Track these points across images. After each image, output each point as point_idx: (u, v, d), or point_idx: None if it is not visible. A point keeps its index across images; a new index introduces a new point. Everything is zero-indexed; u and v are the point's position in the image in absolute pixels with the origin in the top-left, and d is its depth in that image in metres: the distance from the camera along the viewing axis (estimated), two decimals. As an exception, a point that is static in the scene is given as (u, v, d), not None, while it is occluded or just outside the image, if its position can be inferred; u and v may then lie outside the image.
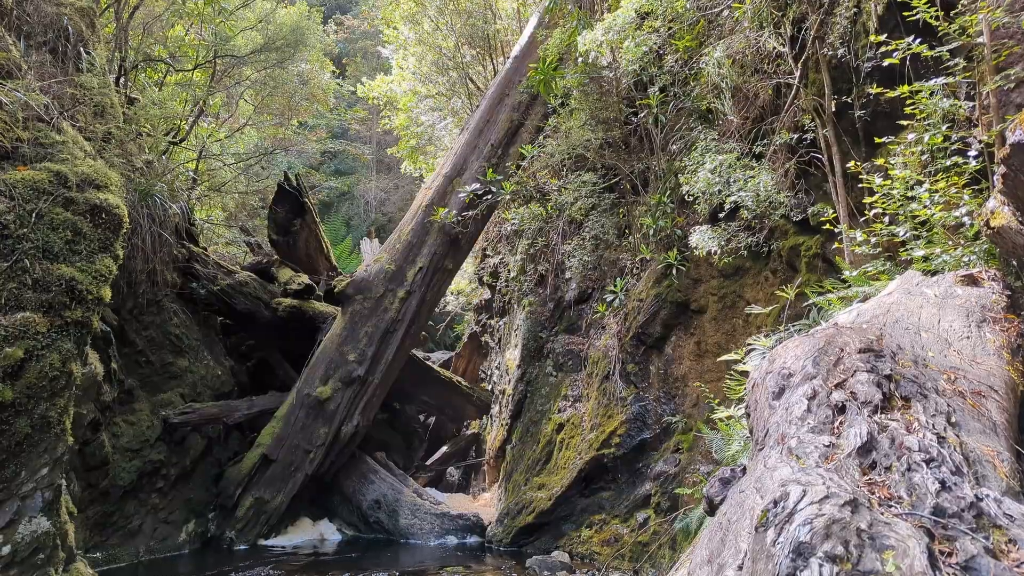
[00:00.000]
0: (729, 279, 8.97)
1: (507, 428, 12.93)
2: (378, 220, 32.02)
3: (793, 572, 1.41)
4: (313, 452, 11.53)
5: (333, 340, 12.18)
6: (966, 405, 2.74)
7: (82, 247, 5.63)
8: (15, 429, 4.89)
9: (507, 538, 10.50)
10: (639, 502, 9.29)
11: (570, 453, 10.46)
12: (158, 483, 10.33)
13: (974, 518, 1.65)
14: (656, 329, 9.76)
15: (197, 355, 11.50)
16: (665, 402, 9.58)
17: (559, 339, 11.98)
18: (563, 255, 11.53)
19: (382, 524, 11.67)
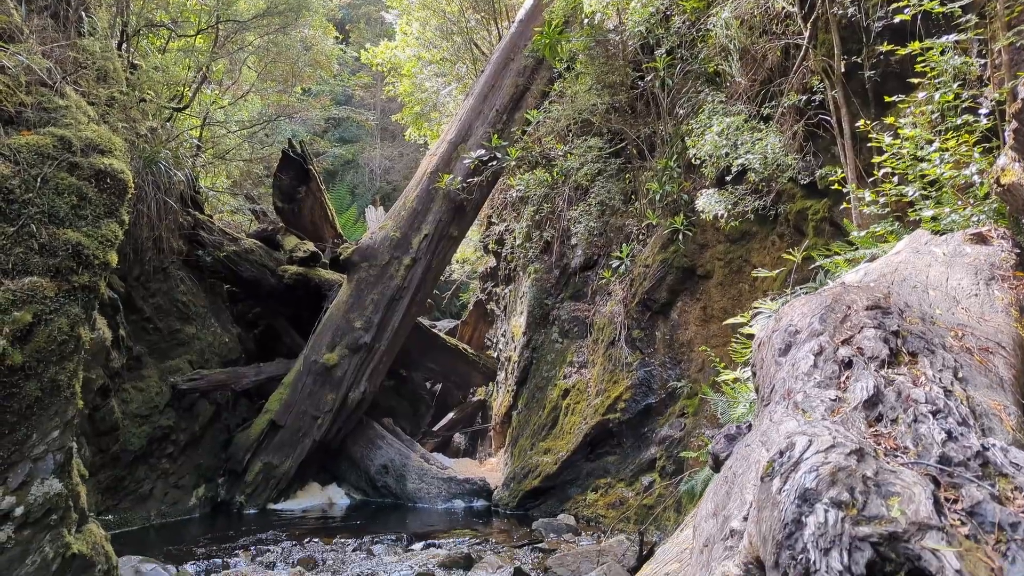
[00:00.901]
0: (736, 244, 8.93)
1: (513, 394, 12.99)
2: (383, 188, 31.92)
3: (799, 517, 1.42)
4: (321, 418, 11.61)
5: (339, 307, 12.21)
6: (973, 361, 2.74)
7: (88, 212, 5.62)
8: (25, 392, 4.93)
9: (513, 502, 10.60)
10: (644, 466, 9.36)
11: (575, 418, 10.52)
12: (168, 448, 10.43)
13: (980, 467, 1.65)
14: (662, 295, 9.75)
15: (204, 322, 11.55)
16: (671, 367, 9.61)
17: (565, 306, 11.99)
18: (569, 221, 11.49)
19: (390, 488, 11.79)
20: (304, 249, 12.92)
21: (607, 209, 10.85)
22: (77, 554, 5.17)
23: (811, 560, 1.33)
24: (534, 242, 12.60)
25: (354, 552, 8.47)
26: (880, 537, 1.35)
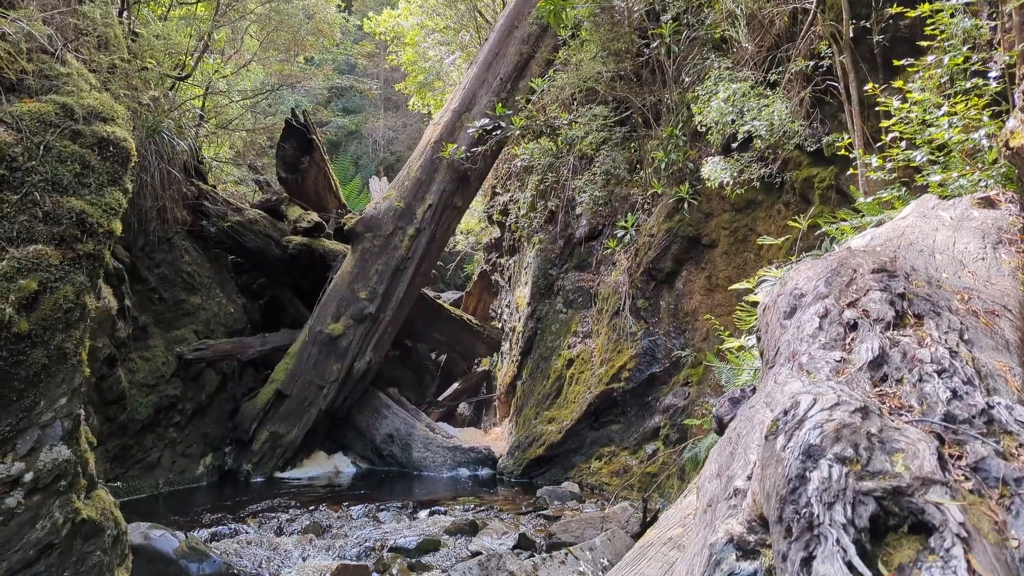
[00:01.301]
0: (741, 212, 8.90)
1: (517, 364, 13.03)
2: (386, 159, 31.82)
3: (803, 473, 1.42)
4: (326, 388, 11.67)
5: (344, 278, 12.22)
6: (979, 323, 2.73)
7: (91, 180, 5.61)
8: (32, 360, 4.95)
9: (518, 470, 10.68)
10: (648, 435, 9.40)
11: (580, 388, 10.56)
12: (175, 418, 10.51)
13: (985, 424, 1.65)
14: (667, 264, 9.74)
15: (209, 292, 11.57)
16: (675, 336, 9.62)
17: (569, 276, 11.98)
18: (573, 191, 11.44)
19: (395, 457, 11.88)
20: (308, 219, 12.90)
21: (612, 178, 10.79)
22: (87, 519, 5.22)
23: (815, 514, 1.33)
24: (538, 212, 12.56)
25: (360, 519, 8.55)
26: (884, 492, 1.36)
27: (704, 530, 2.09)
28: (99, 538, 5.30)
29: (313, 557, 7.29)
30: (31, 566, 4.90)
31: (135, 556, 5.78)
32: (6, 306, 4.88)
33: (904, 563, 1.27)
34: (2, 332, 4.84)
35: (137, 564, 5.76)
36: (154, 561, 6.75)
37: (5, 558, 4.80)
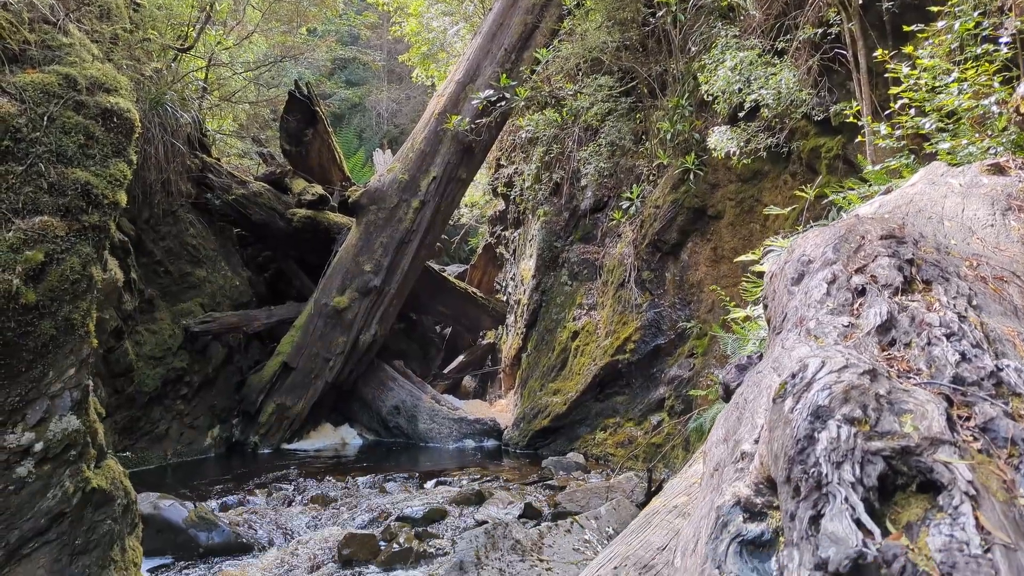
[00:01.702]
0: (747, 183, 8.86)
1: (522, 337, 13.06)
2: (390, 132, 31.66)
3: (811, 433, 1.42)
4: (332, 360, 11.71)
5: (349, 251, 12.21)
6: (987, 289, 2.71)
7: (95, 151, 5.60)
8: (40, 331, 4.98)
9: (523, 441, 10.74)
10: (653, 406, 9.44)
11: (585, 359, 10.58)
12: (182, 390, 10.57)
13: (994, 386, 1.65)
14: (672, 235, 9.71)
15: (215, 265, 11.59)
16: (680, 308, 9.62)
17: (574, 248, 11.97)
18: (579, 162, 11.38)
19: (401, 429, 11.95)
20: (312, 192, 12.87)
21: (617, 150, 10.73)
22: (97, 488, 5.27)
23: (823, 473, 1.34)
24: (543, 184, 12.51)
25: (367, 489, 8.62)
26: (892, 451, 1.36)
27: (711, 494, 2.10)
28: (109, 507, 5.35)
29: (321, 526, 7.37)
30: (43, 534, 4.96)
31: (145, 525, 5.85)
32: (13, 277, 4.89)
33: (912, 521, 1.27)
34: (9, 303, 4.86)
35: (147, 533, 5.83)
36: (163, 530, 6.82)
37: (17, 526, 4.85)
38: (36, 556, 4.97)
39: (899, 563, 1.14)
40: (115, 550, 5.37)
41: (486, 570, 5.09)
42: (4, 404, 4.86)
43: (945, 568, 1.09)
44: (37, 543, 4.94)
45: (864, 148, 6.27)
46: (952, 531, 1.16)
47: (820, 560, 1.17)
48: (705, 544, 1.82)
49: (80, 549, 5.14)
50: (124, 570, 5.48)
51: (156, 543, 6.56)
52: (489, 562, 5.20)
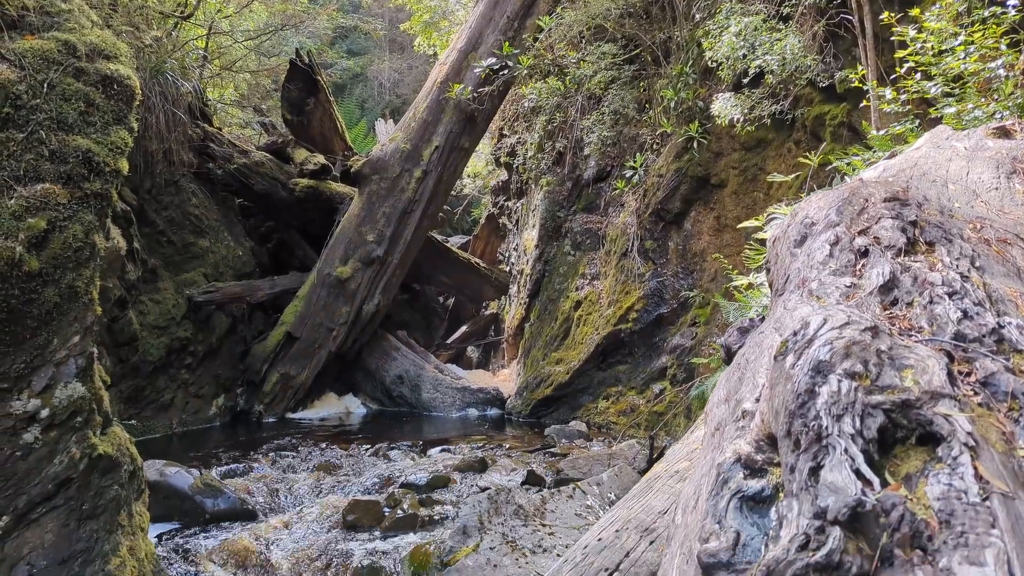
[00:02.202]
0: (751, 152, 8.81)
1: (525, 307, 13.08)
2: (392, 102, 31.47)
3: (812, 387, 1.43)
4: (336, 330, 11.75)
5: (351, 220, 12.20)
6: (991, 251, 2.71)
7: (96, 119, 5.57)
8: (44, 298, 4.99)
9: (526, 410, 10.80)
10: (655, 374, 9.47)
11: (587, 329, 10.60)
12: (186, 359, 10.62)
13: (995, 343, 1.65)
14: (675, 205, 9.68)
15: (217, 235, 11.59)
16: (683, 277, 9.61)
17: (577, 218, 11.94)
18: (582, 131, 11.32)
19: (405, 398, 12.01)
20: (314, 162, 12.83)
21: (621, 118, 10.66)
22: (103, 455, 5.32)
23: (823, 426, 1.34)
24: (546, 153, 12.45)
25: (371, 457, 8.69)
26: (892, 404, 1.36)
27: (712, 452, 2.11)
28: (116, 473, 5.40)
29: (325, 493, 7.44)
30: (50, 499, 5.01)
31: (152, 492, 5.90)
32: (16, 244, 4.90)
33: (911, 473, 1.28)
34: (13, 270, 4.87)
35: (153, 500, 5.89)
36: (170, 497, 6.89)
37: (25, 491, 4.91)
38: (44, 521, 5.03)
39: (897, 512, 1.15)
40: (122, 515, 5.43)
41: (489, 534, 5.15)
42: (9, 371, 4.89)
43: (943, 516, 1.10)
44: (45, 508, 5.00)
45: (869, 114, 6.22)
46: (951, 480, 1.16)
47: (819, 509, 1.18)
48: (706, 501, 1.83)
49: (88, 514, 5.19)
50: (131, 535, 5.54)
51: (163, 509, 6.62)
52: (492, 527, 5.25)
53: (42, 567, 4.93)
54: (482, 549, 5.02)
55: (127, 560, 5.35)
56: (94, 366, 5.44)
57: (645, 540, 3.89)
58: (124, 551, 5.35)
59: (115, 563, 5.25)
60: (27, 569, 4.94)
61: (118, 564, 5.27)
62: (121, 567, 5.27)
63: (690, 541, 1.79)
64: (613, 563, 3.61)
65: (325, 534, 6.49)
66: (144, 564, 5.51)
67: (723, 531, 1.69)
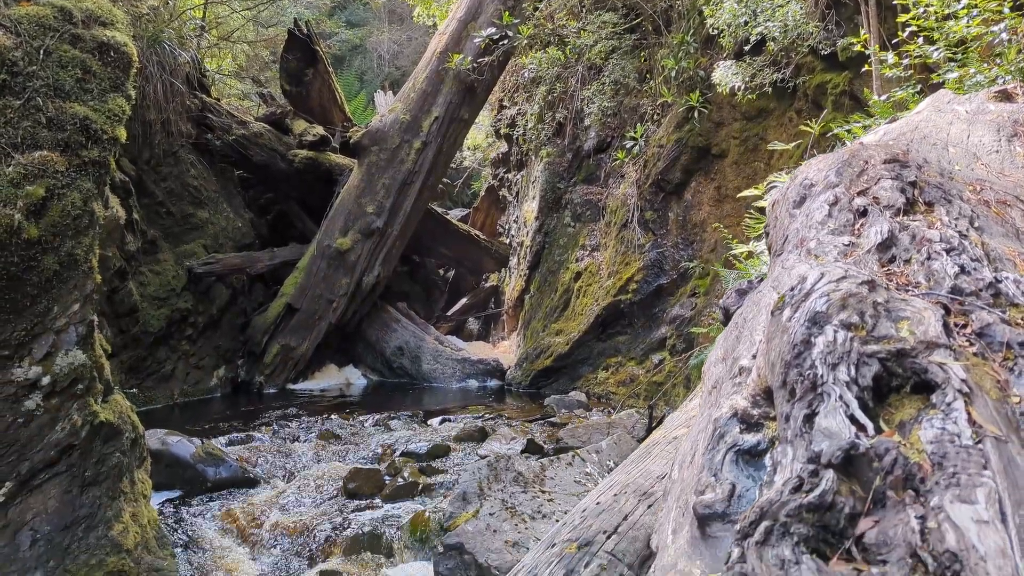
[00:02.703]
0: (752, 121, 8.76)
1: (525, 279, 13.08)
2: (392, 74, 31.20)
3: (808, 338, 1.43)
4: (336, 301, 11.76)
5: (351, 192, 12.16)
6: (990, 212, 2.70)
7: (93, 86, 5.54)
8: (44, 266, 5.00)
9: (526, 380, 10.84)
10: (655, 345, 9.50)
11: (587, 300, 10.62)
12: (187, 331, 10.64)
13: (992, 296, 1.66)
14: (676, 175, 9.65)
15: (216, 207, 11.56)
16: (683, 248, 9.61)
17: (577, 189, 11.90)
18: (582, 102, 11.25)
19: (405, 369, 12.05)
20: (314, 133, 12.76)
21: (621, 88, 10.59)
22: (104, 422, 5.34)
23: (819, 375, 1.35)
24: (546, 124, 12.38)
25: (372, 427, 8.74)
26: (888, 353, 1.37)
27: (709, 409, 2.12)
28: (118, 440, 5.43)
29: (326, 462, 7.49)
30: (53, 466, 5.04)
31: (154, 461, 5.94)
32: (15, 212, 4.89)
33: (905, 420, 1.28)
34: (12, 238, 4.86)
35: (156, 468, 5.93)
36: (172, 465, 6.94)
37: (28, 457, 4.94)
38: (47, 487, 5.07)
39: (890, 456, 1.16)
40: (124, 482, 5.47)
41: (489, 500, 5.19)
42: (10, 338, 4.90)
43: (935, 458, 1.11)
44: (48, 474, 5.04)
45: (871, 82, 6.18)
46: (944, 425, 1.17)
47: (813, 454, 1.19)
48: (702, 455, 1.85)
49: (90, 480, 5.23)
50: (134, 501, 5.58)
51: (165, 478, 6.67)
52: (492, 493, 5.29)
53: (46, 532, 4.98)
54: (482, 515, 5.07)
55: (130, 526, 5.40)
56: (94, 334, 5.45)
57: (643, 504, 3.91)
58: (127, 517, 5.40)
59: (118, 529, 5.30)
60: (31, 534, 4.99)
61: (121, 530, 5.32)
62: (124, 533, 5.31)
63: (686, 494, 1.81)
64: (611, 526, 3.63)
65: (326, 502, 6.55)
66: (147, 530, 5.56)
67: (719, 483, 1.70)
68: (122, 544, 5.24)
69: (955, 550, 0.93)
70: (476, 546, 4.80)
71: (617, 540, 3.64)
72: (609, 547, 3.59)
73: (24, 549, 4.91)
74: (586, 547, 3.57)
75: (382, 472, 6.92)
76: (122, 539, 5.27)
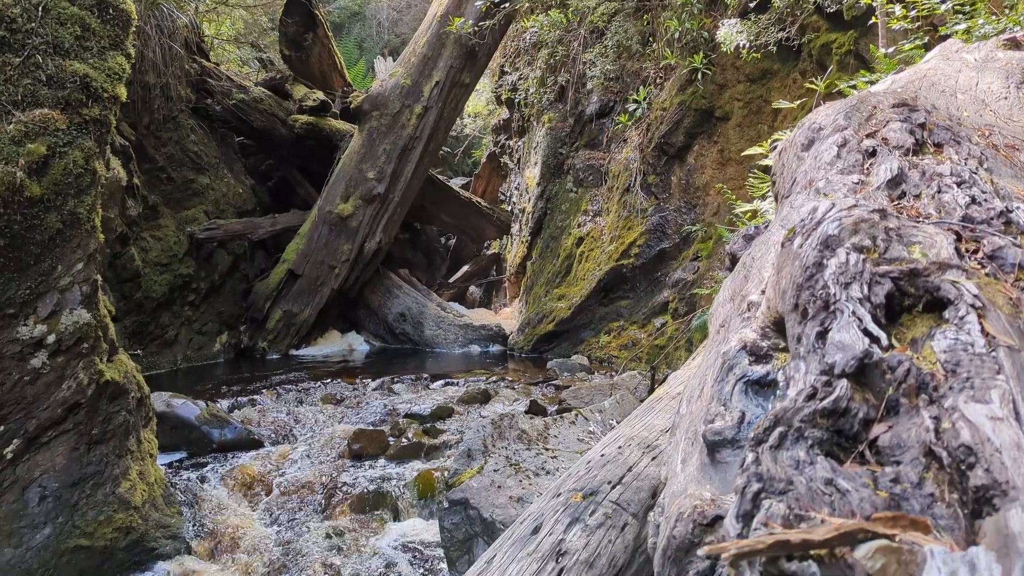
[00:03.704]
0: (756, 83, 8.70)
1: (527, 245, 13.06)
2: (392, 42, 30.92)
3: (820, 260, 1.43)
4: (338, 267, 11.76)
5: (352, 157, 12.11)
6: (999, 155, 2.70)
7: (92, 44, 5.50)
8: (47, 224, 5.00)
9: (528, 345, 10.87)
10: (657, 309, 9.51)
11: (589, 265, 10.61)
12: (189, 296, 10.65)
13: (1003, 224, 1.66)
14: (678, 138, 9.60)
15: (217, 172, 11.51)
16: (686, 212, 9.58)
17: (579, 155, 11.84)
18: (584, 65, 11.15)
19: (408, 335, 12.08)
20: (314, 98, 12.68)
21: (624, 51, 10.49)
22: (110, 381, 5.37)
23: (831, 293, 1.35)
24: (548, 88, 12.29)
25: (375, 391, 8.78)
26: (900, 273, 1.37)
27: (717, 346, 2.13)
28: (123, 399, 5.46)
29: (330, 424, 7.54)
30: (60, 423, 5.08)
31: (159, 423, 5.97)
32: (16, 170, 4.88)
33: (917, 338, 1.29)
34: (15, 196, 4.86)
35: (161, 430, 5.96)
36: (177, 427, 6.98)
37: (35, 415, 4.97)
38: (55, 444, 5.11)
39: (903, 367, 1.16)
40: (131, 441, 5.51)
41: (493, 457, 5.23)
42: (15, 297, 4.91)
43: (949, 366, 1.12)
44: (55, 432, 5.07)
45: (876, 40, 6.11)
46: (957, 335, 1.18)
47: (826, 366, 1.19)
48: (711, 387, 1.86)
49: (97, 438, 5.27)
50: (140, 460, 5.63)
51: (170, 439, 6.72)
52: (496, 450, 5.33)
53: (54, 489, 5.03)
54: (486, 471, 5.10)
55: (137, 484, 5.45)
56: (98, 293, 5.46)
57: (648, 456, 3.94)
58: (134, 475, 5.44)
59: (125, 486, 5.35)
60: (39, 491, 5.04)
61: (128, 487, 5.37)
62: (131, 490, 5.36)
63: (695, 425, 1.81)
64: (616, 476, 3.66)
65: (331, 462, 6.60)
66: (154, 488, 5.61)
67: (728, 412, 1.71)
68: (130, 501, 5.29)
69: (970, 444, 0.94)
70: (481, 501, 4.84)
71: (622, 490, 3.67)
72: (614, 496, 3.62)
73: (33, 505, 4.96)
74: (591, 496, 3.60)
75: (386, 433, 6.98)
76: (130, 496, 5.32)
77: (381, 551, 5.16)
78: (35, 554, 4.84)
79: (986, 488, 0.88)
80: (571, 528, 3.41)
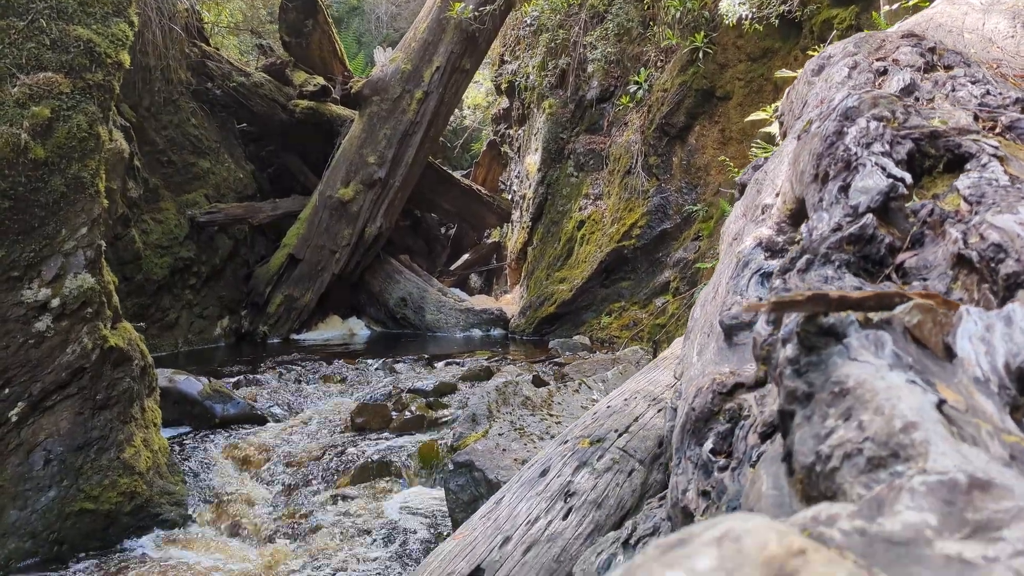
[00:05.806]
0: (757, 62, 8.71)
1: (528, 231, 13.06)
2: (390, 36, 30.89)
3: (840, 130, 1.44)
4: (338, 252, 11.75)
5: (352, 143, 12.10)
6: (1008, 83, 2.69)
7: (96, 9, 5.50)
8: (51, 187, 4.99)
9: (529, 328, 10.87)
10: (658, 289, 9.51)
11: (591, 247, 10.61)
12: (190, 280, 10.64)
13: (1019, 110, 1.65)
14: (680, 119, 9.60)
15: (218, 156, 11.50)
16: (687, 192, 9.59)
17: (580, 139, 11.84)
18: (585, 49, 11.15)
19: (409, 320, 12.08)
20: (314, 83, 12.66)
21: (625, 34, 10.50)
22: (114, 347, 5.37)
23: (852, 153, 1.35)
24: (548, 72, 12.29)
25: (377, 371, 8.78)
26: (921, 134, 1.37)
27: (729, 258, 2.13)
28: (127, 366, 5.46)
29: (333, 400, 7.54)
30: (64, 387, 5.07)
31: (162, 398, 5.96)
32: (21, 132, 4.87)
33: (939, 193, 1.29)
34: (19, 157, 4.86)
35: (164, 405, 5.96)
36: (180, 402, 6.96)
37: (39, 379, 4.97)
38: (59, 409, 5.11)
39: (927, 208, 1.17)
40: (135, 408, 5.50)
41: (498, 422, 5.23)
42: (19, 259, 4.91)
43: (973, 198, 1.12)
44: (60, 396, 5.07)
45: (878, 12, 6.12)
46: (981, 174, 1.18)
47: (850, 208, 1.20)
48: (726, 285, 1.86)
49: (101, 404, 5.26)
50: (145, 428, 5.62)
51: (173, 414, 6.70)
52: (501, 415, 5.34)
53: (59, 453, 5.02)
54: (491, 434, 5.11)
55: (141, 450, 5.44)
56: (102, 259, 5.46)
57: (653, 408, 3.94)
58: (138, 441, 5.44)
59: (130, 452, 5.34)
60: (44, 455, 5.03)
61: (133, 453, 5.36)
62: (136, 456, 5.36)
63: (711, 320, 1.82)
64: (623, 425, 3.67)
65: (334, 436, 6.60)
66: (158, 456, 5.60)
67: (744, 299, 1.71)
68: (134, 466, 5.29)
69: (999, 242, 0.94)
70: (486, 463, 4.84)
71: (628, 438, 3.68)
72: (621, 443, 3.63)
73: (38, 468, 4.95)
74: (598, 443, 3.61)
75: (389, 408, 6.97)
76: (134, 462, 5.31)
77: (386, 515, 5.16)
78: (40, 516, 4.84)
79: (1017, 274, 0.88)
80: (579, 471, 3.42)
